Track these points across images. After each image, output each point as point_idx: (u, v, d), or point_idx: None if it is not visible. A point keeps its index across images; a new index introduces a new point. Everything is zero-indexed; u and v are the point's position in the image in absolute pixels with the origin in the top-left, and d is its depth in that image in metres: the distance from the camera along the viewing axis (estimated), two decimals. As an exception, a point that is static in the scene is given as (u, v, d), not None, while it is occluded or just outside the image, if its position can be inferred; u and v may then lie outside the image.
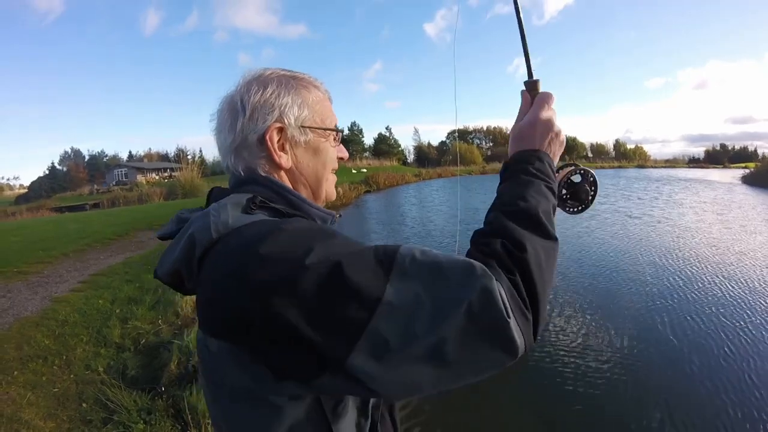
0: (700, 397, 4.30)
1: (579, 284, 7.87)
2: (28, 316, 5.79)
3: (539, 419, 4.03)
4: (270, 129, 0.89)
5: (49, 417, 3.69)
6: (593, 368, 4.84)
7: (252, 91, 0.90)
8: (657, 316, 6.21)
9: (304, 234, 0.70)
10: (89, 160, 75.46)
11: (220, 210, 0.77)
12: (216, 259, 0.72)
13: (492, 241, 0.77)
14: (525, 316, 0.69)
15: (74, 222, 14.89)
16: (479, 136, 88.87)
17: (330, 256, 0.65)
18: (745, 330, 5.66)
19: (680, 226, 13.48)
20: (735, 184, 30.18)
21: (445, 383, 0.66)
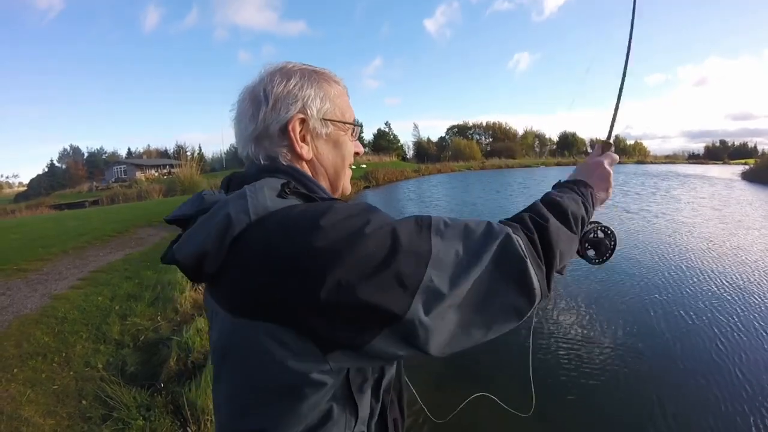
0: (689, 390, 4.33)
1: (573, 276, 7.98)
2: (28, 313, 5.78)
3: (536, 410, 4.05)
4: (293, 119, 0.90)
5: (49, 414, 3.69)
6: (585, 358, 4.90)
7: (275, 81, 0.91)
8: (651, 310, 6.24)
9: (357, 208, 0.75)
10: (88, 158, 75.39)
11: (257, 192, 0.77)
12: (260, 239, 0.71)
13: (522, 214, 0.94)
14: (539, 265, 0.83)
15: (73, 219, 14.88)
16: (479, 131, 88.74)
17: (384, 225, 0.72)
18: (737, 325, 5.68)
19: (677, 221, 13.54)
20: (734, 180, 30.18)
21: (479, 331, 0.76)
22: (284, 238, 0.70)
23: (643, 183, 28.80)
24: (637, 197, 20.45)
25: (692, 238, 10.95)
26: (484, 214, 16.07)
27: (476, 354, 4.96)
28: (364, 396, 0.81)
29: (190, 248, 0.74)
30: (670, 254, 9.42)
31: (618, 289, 7.28)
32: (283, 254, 0.68)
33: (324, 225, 0.68)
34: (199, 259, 0.73)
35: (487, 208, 18.02)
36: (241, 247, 0.71)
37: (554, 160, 72.34)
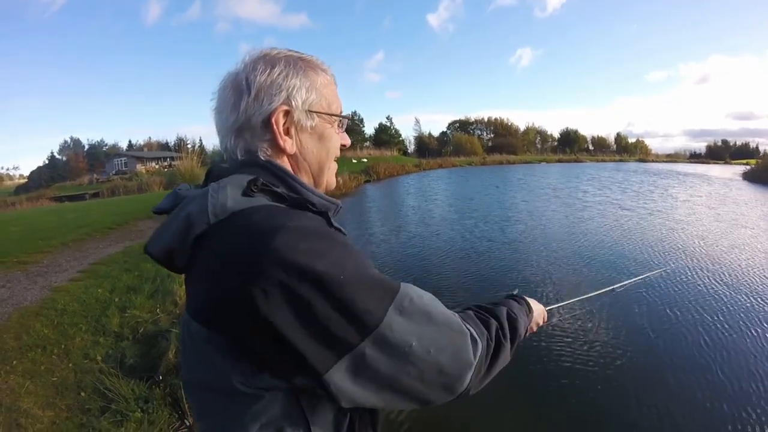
0: (672, 386, 4.36)
1: (567, 271, 8.10)
2: (28, 305, 5.80)
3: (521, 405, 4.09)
4: (276, 111, 0.85)
5: (48, 406, 3.71)
6: (570, 354, 4.94)
7: (258, 70, 0.86)
8: (636, 306, 6.26)
9: (318, 236, 0.70)
10: (89, 150, 75.27)
11: (219, 191, 0.75)
12: (217, 244, 0.71)
13: (491, 321, 0.97)
14: (479, 372, 0.85)
15: (74, 211, 14.89)
16: (480, 127, 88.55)
17: (339, 271, 0.67)
18: (722, 324, 5.72)
19: (672, 219, 13.60)
20: (735, 180, 30.10)
21: (396, 406, 0.78)
22: (232, 250, 0.68)
23: (642, 181, 28.86)
24: (634, 195, 20.54)
25: (686, 236, 11.03)
26: (481, 209, 16.17)
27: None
28: (320, 414, 0.75)
29: (159, 244, 0.78)
30: (661, 251, 9.50)
31: (607, 283, 7.26)
32: (229, 265, 0.67)
33: (274, 249, 0.65)
34: (168, 255, 0.77)
35: (484, 203, 18.00)
36: (203, 248, 0.73)
37: (555, 157, 72.22)
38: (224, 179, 0.79)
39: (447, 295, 7.10)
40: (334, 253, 0.69)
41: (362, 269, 0.71)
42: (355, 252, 0.73)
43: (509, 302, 1.13)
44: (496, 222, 13.34)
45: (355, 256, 0.72)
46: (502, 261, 9.03)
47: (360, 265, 0.71)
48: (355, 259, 0.71)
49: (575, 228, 12.19)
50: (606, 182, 27.54)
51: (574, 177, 32.56)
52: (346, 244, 0.73)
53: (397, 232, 12.25)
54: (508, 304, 1.11)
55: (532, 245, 10.24)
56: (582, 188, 23.87)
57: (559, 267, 8.42)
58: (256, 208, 0.73)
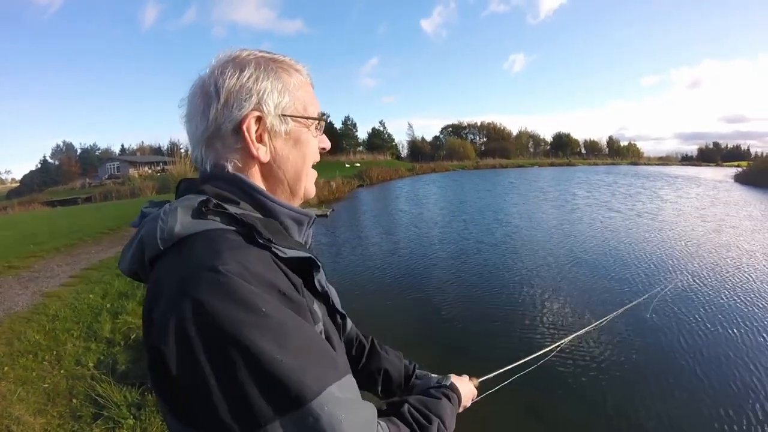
0: (642, 378, 4.55)
1: (555, 271, 8.28)
2: (19, 311, 5.78)
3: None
4: (247, 117, 0.80)
5: (39, 413, 3.69)
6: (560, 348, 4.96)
7: (227, 74, 0.81)
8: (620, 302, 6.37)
9: (243, 299, 0.61)
10: (81, 154, 74.66)
11: (170, 215, 0.71)
12: (159, 272, 0.68)
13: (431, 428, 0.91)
14: None
15: (66, 216, 14.86)
16: (473, 131, 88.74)
17: (247, 354, 0.58)
18: (702, 322, 5.84)
19: (659, 220, 13.82)
20: (726, 182, 30.36)
21: None
22: (164, 293, 0.64)
23: (631, 183, 29.29)
24: (622, 197, 20.84)
25: (672, 236, 11.26)
26: (473, 211, 16.62)
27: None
28: None
29: (125, 263, 0.79)
30: (646, 252, 9.67)
31: (587, 281, 7.68)
32: (161, 312, 0.62)
33: (195, 301, 0.59)
34: (134, 273, 0.78)
35: (475, 207, 18.22)
36: (153, 275, 0.70)
37: (548, 161, 72.80)
38: (179, 199, 0.76)
39: (437, 294, 7.24)
40: (247, 327, 0.59)
41: (280, 353, 0.59)
42: (280, 326, 0.62)
43: (443, 407, 1.00)
44: (485, 224, 13.56)
45: (278, 331, 0.61)
46: (491, 262, 9.18)
47: (281, 346, 0.60)
48: (278, 337, 0.60)
49: (566, 227, 12.62)
50: (596, 184, 27.83)
51: (565, 180, 32.88)
52: (271, 315, 0.62)
53: (390, 236, 12.32)
54: (442, 411, 0.98)
55: (519, 246, 10.42)
56: (572, 191, 24.18)
57: (545, 268, 8.57)
58: (201, 235, 0.69)
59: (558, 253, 9.68)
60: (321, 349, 0.66)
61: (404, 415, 0.90)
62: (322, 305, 0.86)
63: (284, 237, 0.79)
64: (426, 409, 0.94)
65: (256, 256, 0.68)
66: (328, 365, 0.64)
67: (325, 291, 0.86)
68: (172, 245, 0.69)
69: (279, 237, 0.75)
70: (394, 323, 6.21)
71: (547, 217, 14.69)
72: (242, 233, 0.71)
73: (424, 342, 5.61)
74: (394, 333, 5.71)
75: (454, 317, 6.28)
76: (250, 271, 0.64)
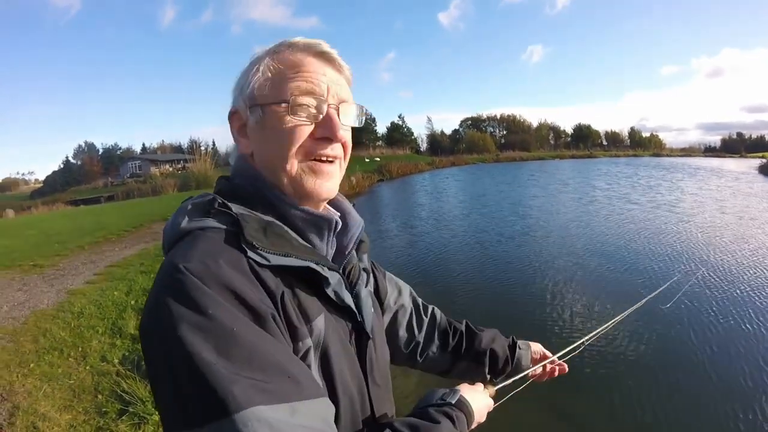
0: (649, 371, 4.46)
1: (570, 261, 8.25)
2: (44, 308, 5.83)
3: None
4: (230, 115, 0.84)
5: (65, 409, 3.69)
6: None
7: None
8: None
9: (194, 299, 0.58)
10: (103, 153, 75.87)
11: (181, 212, 0.74)
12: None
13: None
14: None
15: (89, 215, 15.05)
16: (492, 124, 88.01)
17: (185, 353, 0.54)
18: (717, 317, 5.67)
19: (678, 212, 13.57)
20: (751, 174, 29.61)
21: None
22: (152, 289, 0.65)
23: (650, 175, 28.92)
24: (642, 189, 20.54)
25: (690, 228, 11.08)
26: (491, 204, 16.65)
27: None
28: None
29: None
30: (664, 244, 9.54)
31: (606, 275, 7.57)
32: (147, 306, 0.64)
33: (159, 301, 0.60)
34: None
35: (495, 199, 18.31)
36: None
37: (569, 153, 71.76)
38: (196, 196, 0.78)
39: (455, 288, 7.23)
40: (190, 326, 0.56)
41: (207, 359, 0.54)
42: (225, 331, 0.57)
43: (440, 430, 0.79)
44: (505, 218, 13.49)
45: (219, 337, 0.56)
46: (510, 256, 9.10)
47: (209, 354, 0.55)
48: (215, 342, 0.56)
49: (584, 219, 12.65)
50: (616, 177, 27.57)
51: (586, 172, 32.63)
52: (218, 318, 0.57)
53: (411, 229, 12.30)
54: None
55: (537, 241, 10.28)
56: (592, 184, 23.88)
57: (563, 260, 8.50)
58: (192, 233, 0.70)
59: (578, 247, 9.55)
60: (274, 364, 0.58)
61: None
62: (338, 319, 0.79)
63: (284, 241, 0.72)
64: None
65: (226, 257, 0.65)
66: (280, 381, 0.57)
67: (347, 305, 0.79)
68: (180, 237, 0.71)
69: (276, 241, 0.71)
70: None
71: (567, 210, 14.59)
72: (232, 233, 0.69)
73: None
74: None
75: (470, 314, 6.18)
76: (211, 271, 0.62)
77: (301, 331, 0.69)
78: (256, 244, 0.67)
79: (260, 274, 0.67)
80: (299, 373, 0.61)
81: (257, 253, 0.67)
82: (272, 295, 0.67)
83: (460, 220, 13.31)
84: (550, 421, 3.86)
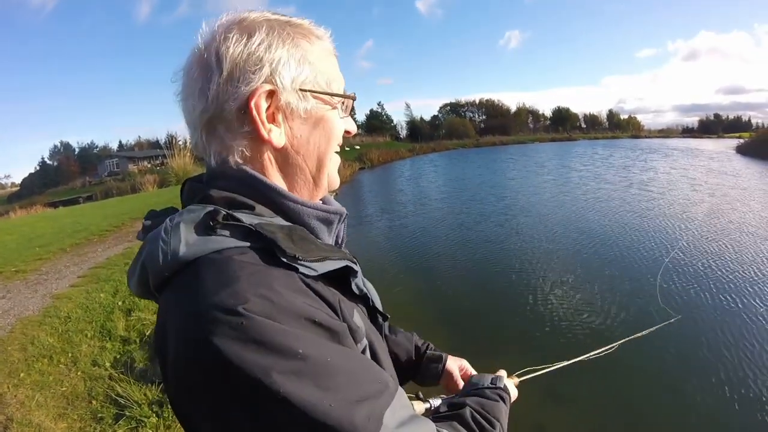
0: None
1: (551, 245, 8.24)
2: (30, 315, 5.70)
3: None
4: (256, 93, 0.65)
5: (60, 417, 3.63)
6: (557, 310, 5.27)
7: (232, 40, 0.66)
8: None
9: (275, 343, 0.51)
10: (80, 153, 74.44)
11: (172, 234, 0.60)
12: (165, 319, 0.59)
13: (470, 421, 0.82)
14: None
15: (69, 216, 14.82)
16: (472, 109, 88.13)
17: (288, 407, 0.49)
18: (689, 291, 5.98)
19: (651, 191, 14.14)
20: (728, 154, 30.27)
21: None
22: (178, 331, 0.55)
23: (627, 156, 30.10)
24: (617, 169, 21.42)
25: (662, 205, 11.64)
26: (471, 188, 17.07)
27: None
28: None
29: (133, 286, 0.70)
30: (637, 220, 10.18)
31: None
32: (177, 354, 0.55)
33: (212, 346, 0.50)
34: (145, 296, 0.69)
35: (473, 183, 18.84)
36: (164, 301, 0.62)
37: (548, 136, 72.56)
38: (183, 211, 0.65)
39: (445, 275, 7.30)
40: (284, 376, 0.49)
41: (315, 403, 0.49)
42: (321, 366, 0.52)
43: (500, 410, 0.91)
44: (485, 200, 14.00)
45: (318, 374, 0.51)
46: (492, 236, 9.47)
47: (316, 396, 0.50)
48: (316, 382, 0.51)
49: (560, 198, 13.44)
50: (593, 158, 28.43)
51: (566, 155, 33.12)
52: (310, 355, 0.52)
53: (396, 219, 12.43)
54: (500, 414, 0.90)
55: (518, 221, 10.66)
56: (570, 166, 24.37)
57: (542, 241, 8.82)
58: (209, 259, 0.58)
59: (551, 226, 9.99)
60: (368, 374, 0.57)
61: (466, 419, 0.83)
62: (362, 309, 0.77)
63: (312, 245, 0.66)
64: (486, 413, 0.86)
65: (281, 282, 0.57)
66: (379, 391, 0.56)
67: (365, 293, 0.77)
68: (176, 272, 0.59)
69: (307, 247, 0.64)
70: (401, 306, 6.20)
71: (545, 192, 15.32)
72: (260, 250, 0.60)
73: (433, 325, 5.59)
74: (402, 316, 5.60)
75: (465, 305, 6.30)
76: (276, 304, 0.53)
77: (358, 333, 0.68)
78: (298, 255, 0.60)
79: (315, 288, 0.61)
80: (380, 373, 0.60)
81: (303, 266, 0.60)
82: (333, 306, 0.63)
83: (440, 204, 13.82)
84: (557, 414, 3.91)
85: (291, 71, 0.68)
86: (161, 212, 0.73)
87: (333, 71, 0.76)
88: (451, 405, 0.91)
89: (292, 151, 0.72)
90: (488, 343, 4.99)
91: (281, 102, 0.68)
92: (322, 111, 0.73)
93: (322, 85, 0.73)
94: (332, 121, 0.75)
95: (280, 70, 0.67)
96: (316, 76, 0.72)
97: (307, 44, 0.72)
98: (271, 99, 0.67)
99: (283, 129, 0.70)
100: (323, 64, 0.74)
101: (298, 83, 0.69)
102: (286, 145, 0.71)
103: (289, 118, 0.70)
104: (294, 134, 0.71)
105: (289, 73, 0.68)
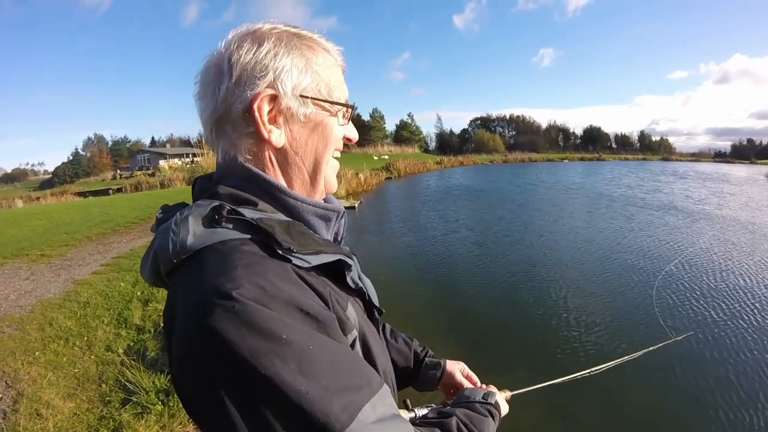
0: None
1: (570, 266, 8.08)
2: (51, 298, 5.86)
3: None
4: (259, 96, 0.71)
5: (69, 397, 3.71)
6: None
7: (243, 49, 0.73)
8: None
9: (262, 327, 0.54)
10: (112, 146, 76.36)
11: (181, 225, 0.66)
12: (178, 292, 0.63)
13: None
14: None
15: (97, 206, 15.10)
16: (502, 124, 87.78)
17: (270, 386, 0.52)
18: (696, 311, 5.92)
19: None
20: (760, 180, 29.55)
21: None
22: (183, 316, 0.59)
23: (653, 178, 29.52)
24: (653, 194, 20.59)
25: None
26: (499, 202, 16.47)
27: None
28: None
29: (145, 274, 0.75)
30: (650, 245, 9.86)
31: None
32: (183, 338, 0.58)
33: (209, 328, 0.54)
34: (156, 284, 0.75)
35: (502, 201, 18.18)
36: (173, 290, 0.66)
37: (578, 155, 71.61)
38: (192, 205, 0.70)
39: (464, 289, 7.15)
40: (268, 357, 0.53)
41: (295, 387, 0.52)
42: (303, 352, 0.55)
43: (488, 426, 0.93)
44: (513, 222, 13.47)
45: (300, 359, 0.54)
46: (514, 260, 9.08)
47: (296, 380, 0.53)
48: (297, 366, 0.54)
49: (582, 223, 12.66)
50: (626, 180, 27.50)
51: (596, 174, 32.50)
52: (293, 341, 0.55)
53: (418, 231, 12.23)
54: (486, 430, 0.92)
55: (547, 250, 10.14)
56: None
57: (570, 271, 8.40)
58: (213, 249, 0.63)
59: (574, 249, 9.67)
60: (351, 366, 0.60)
61: (450, 428, 0.85)
62: (357, 302, 0.80)
63: (309, 239, 0.71)
64: (473, 426, 0.88)
65: (275, 272, 0.61)
66: (360, 385, 0.58)
67: (360, 287, 0.80)
68: (187, 258, 0.64)
69: (303, 241, 0.68)
70: (413, 315, 6.14)
71: (577, 210, 14.97)
72: (259, 242, 0.65)
73: (446, 338, 5.46)
74: (413, 325, 5.64)
75: (480, 316, 6.16)
76: (268, 292, 0.58)
77: (348, 325, 0.71)
78: (293, 248, 0.65)
79: (307, 279, 0.65)
80: (365, 368, 0.63)
81: (297, 258, 0.65)
82: (323, 297, 0.66)
83: (467, 224, 13.17)
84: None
85: (293, 79, 0.74)
86: (173, 207, 0.77)
87: (336, 81, 0.81)
88: (439, 413, 0.94)
89: (291, 152, 0.77)
90: (486, 355, 4.91)
91: (282, 106, 0.74)
92: (321, 117, 0.79)
93: (322, 93, 0.78)
94: (331, 126, 0.80)
95: (283, 77, 0.73)
96: (317, 85, 0.77)
97: (312, 55, 0.78)
98: (273, 103, 0.73)
99: (283, 131, 0.75)
100: (326, 73, 0.79)
101: (299, 90, 0.75)
102: (286, 145, 0.76)
103: (289, 121, 0.76)
104: (293, 136, 0.77)
105: (290, 81, 0.74)
